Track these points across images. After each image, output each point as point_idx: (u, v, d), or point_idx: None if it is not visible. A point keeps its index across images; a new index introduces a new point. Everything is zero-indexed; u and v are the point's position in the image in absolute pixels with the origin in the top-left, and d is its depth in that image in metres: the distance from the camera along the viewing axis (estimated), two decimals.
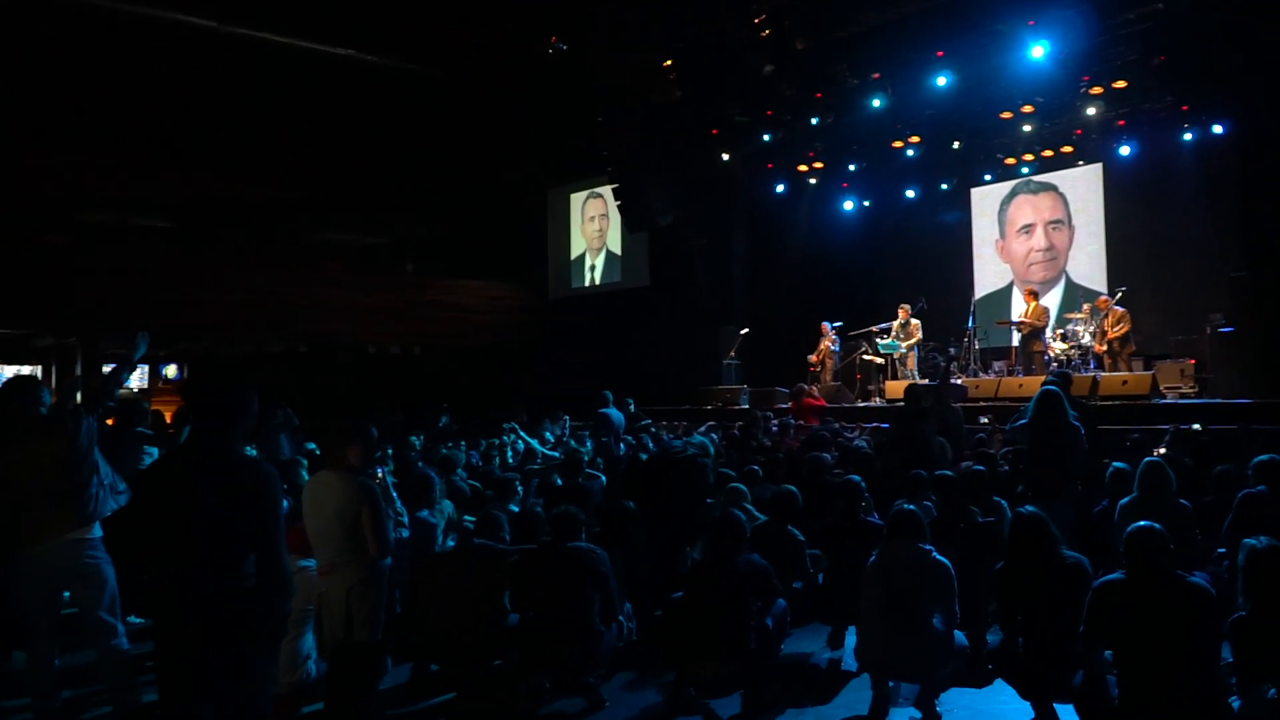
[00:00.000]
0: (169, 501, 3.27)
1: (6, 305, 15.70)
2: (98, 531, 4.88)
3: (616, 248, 21.82)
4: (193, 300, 17.95)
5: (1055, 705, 4.57)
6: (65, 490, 4.76)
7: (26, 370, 19.26)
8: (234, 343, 18.89)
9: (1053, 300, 16.60)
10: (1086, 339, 13.95)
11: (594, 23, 15.92)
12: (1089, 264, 16.95)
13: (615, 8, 15.32)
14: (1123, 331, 13.58)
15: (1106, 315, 13.76)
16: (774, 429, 11.77)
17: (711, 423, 13.26)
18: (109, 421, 7.33)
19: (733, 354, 17.24)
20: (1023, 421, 7.53)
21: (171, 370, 21.94)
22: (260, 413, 3.84)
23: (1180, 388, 12.92)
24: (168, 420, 10.26)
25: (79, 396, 5.66)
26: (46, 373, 19.35)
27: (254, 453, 7.02)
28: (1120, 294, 14.10)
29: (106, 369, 18.76)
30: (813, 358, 16.33)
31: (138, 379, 21.66)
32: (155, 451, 7.86)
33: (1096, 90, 14.11)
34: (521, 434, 11.29)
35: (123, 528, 5.11)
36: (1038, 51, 12.59)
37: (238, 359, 19.39)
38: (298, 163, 20.39)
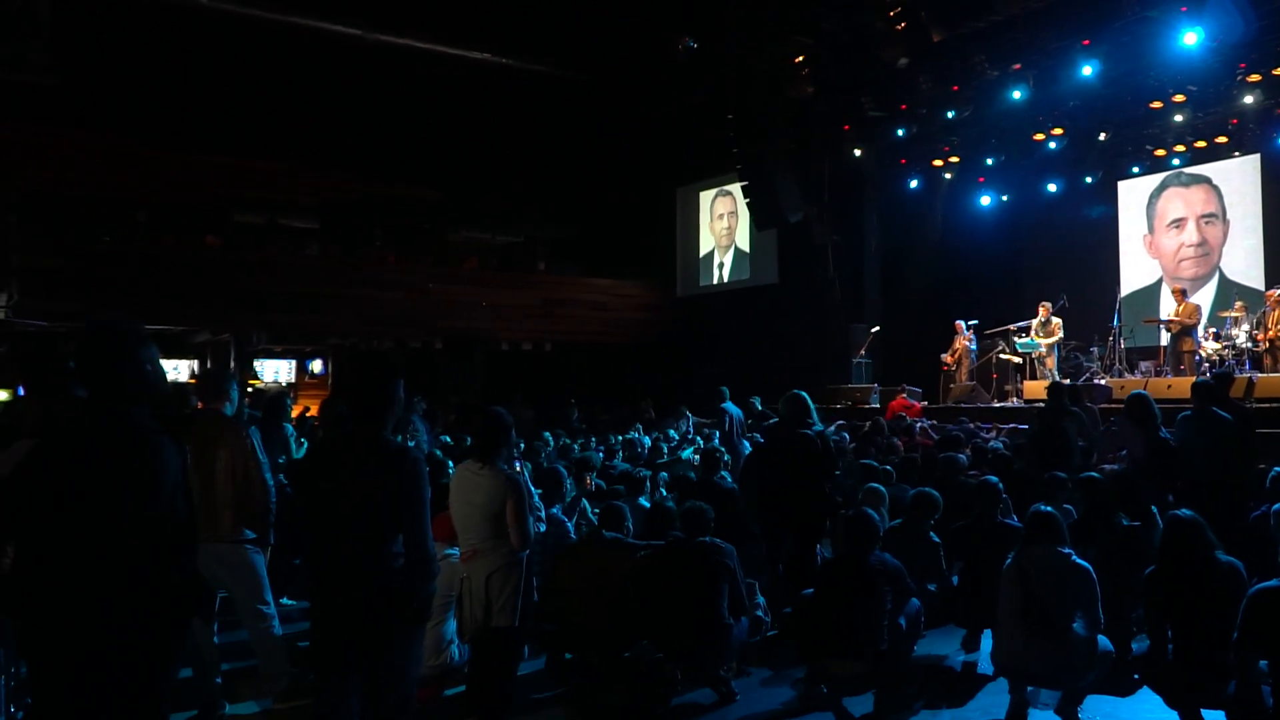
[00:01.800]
0: (323, 486, 3.51)
1: (167, 302, 16.79)
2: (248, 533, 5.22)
3: (745, 245, 21.82)
4: (337, 297, 18.83)
5: (1204, 714, 4.42)
6: (244, 494, 5.12)
7: (184, 365, 20.46)
8: (376, 338, 19.67)
9: (1204, 298, 15.82)
10: (1241, 338, 13.23)
11: (726, 20, 15.93)
12: (1245, 260, 16.08)
13: (748, 5, 15.29)
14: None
15: (1272, 310, 12.96)
16: (904, 428, 11.60)
17: (840, 422, 13.14)
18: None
19: (863, 352, 17.03)
20: None
21: (317, 365, 22.94)
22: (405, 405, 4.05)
23: None
24: (313, 413, 10.72)
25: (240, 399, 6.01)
26: (203, 367, 20.51)
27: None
28: (1274, 292, 13.34)
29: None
30: (947, 357, 15.98)
31: (285, 373, 22.72)
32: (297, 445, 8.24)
33: (1254, 78, 13.41)
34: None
35: (283, 510, 5.47)
36: (1190, 38, 12.05)
37: (386, 354, 20.19)
38: (436, 164, 21.08)
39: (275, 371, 22.09)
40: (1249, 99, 13.85)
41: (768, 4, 15.05)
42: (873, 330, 17.21)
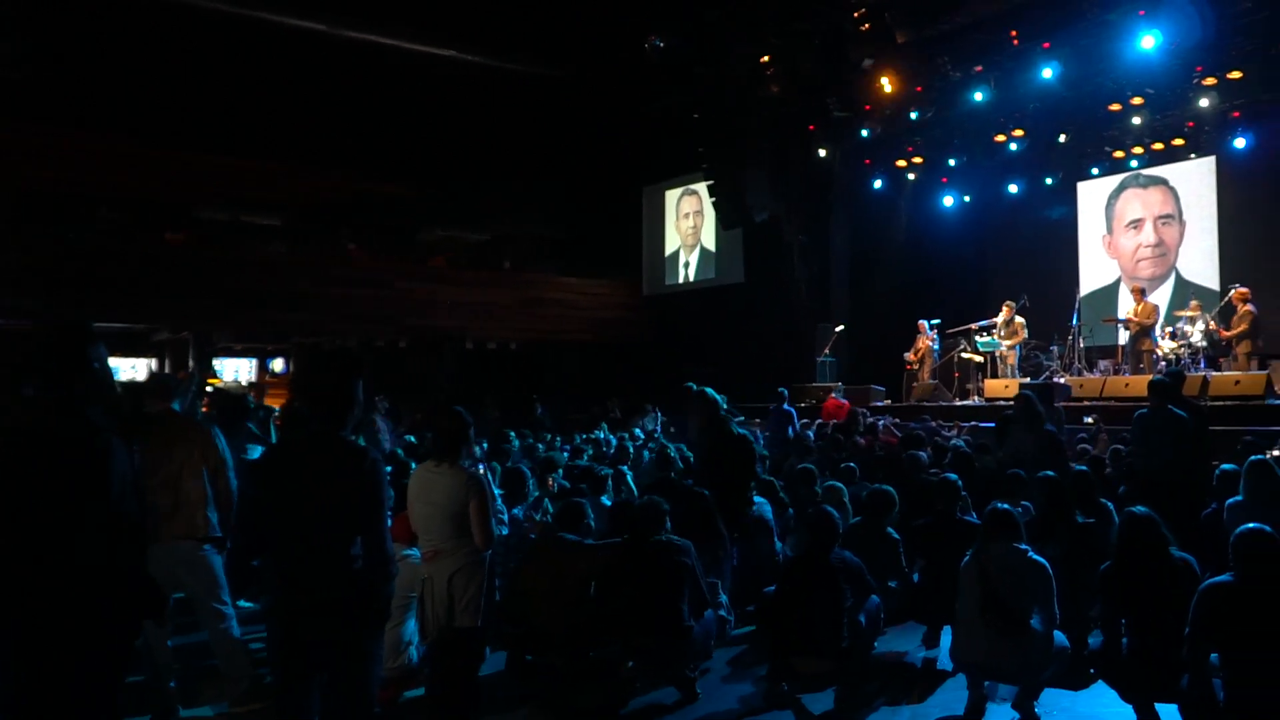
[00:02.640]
0: (283, 486, 3.47)
1: (128, 300, 16.55)
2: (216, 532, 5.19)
3: (711, 244, 21.88)
4: (302, 295, 18.64)
5: (1158, 707, 4.50)
6: (205, 495, 5.08)
7: (143, 364, 20.20)
8: (341, 337, 19.50)
9: (1161, 297, 16.06)
10: (1197, 337, 13.46)
11: (693, 20, 15.95)
12: (1201, 260, 16.35)
13: (715, 5, 15.32)
14: (1244, 328, 13.03)
15: (1238, 308, 13.18)
16: (868, 424, 11.70)
17: (805, 420, 13.21)
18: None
19: (828, 351, 17.12)
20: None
21: (279, 364, 22.71)
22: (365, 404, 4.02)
23: None
24: (276, 414, 10.59)
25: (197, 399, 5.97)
26: (161, 366, 20.28)
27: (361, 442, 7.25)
28: (1240, 290, 13.56)
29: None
30: (910, 356, 16.13)
31: (247, 372, 22.48)
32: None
33: (1210, 81, 13.62)
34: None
35: (240, 512, 5.41)
36: (1149, 42, 12.22)
37: (346, 353, 20.02)
38: (405, 162, 20.96)
39: (236, 370, 21.84)
40: (1205, 102, 14.08)
41: (735, 4, 15.09)
42: (837, 329, 17.32)
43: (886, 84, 14.39)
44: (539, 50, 20.23)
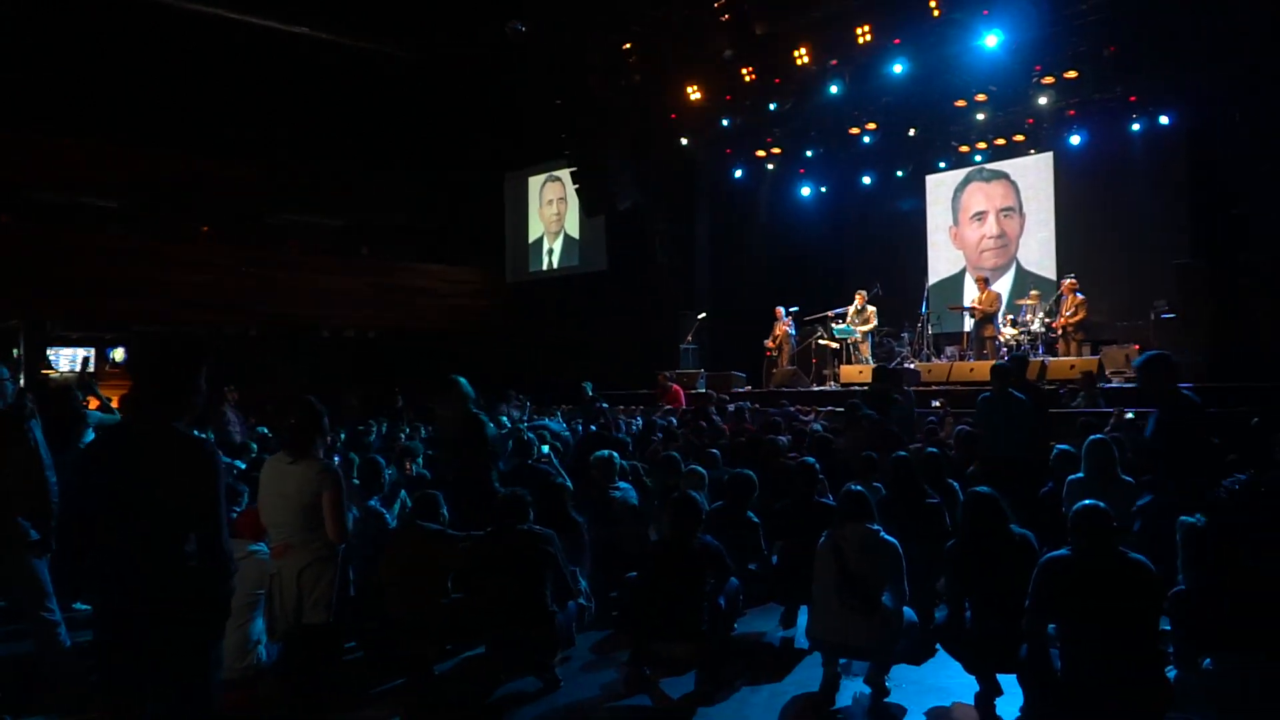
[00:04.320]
0: (111, 480, 3.25)
1: None
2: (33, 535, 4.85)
3: (575, 231, 21.81)
4: (144, 281, 17.71)
5: (1000, 677, 4.70)
6: (19, 496, 4.73)
7: None
8: (186, 324, 18.60)
9: (1004, 286, 16.87)
10: (1036, 324, 14.19)
11: (554, 4, 15.82)
12: (1039, 251, 17.23)
13: None
14: (1080, 318, 13.79)
15: (1067, 298, 13.95)
16: (730, 411, 11.86)
17: (668, 407, 13.33)
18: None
19: (690, 338, 17.31)
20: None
21: (119, 354, 21.49)
22: (211, 395, 3.82)
23: (1125, 372, 13.18)
24: (115, 405, 10.05)
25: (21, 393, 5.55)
26: None
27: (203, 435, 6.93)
28: (1069, 281, 14.37)
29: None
30: (769, 342, 16.46)
31: (80, 363, 21.19)
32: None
33: (1048, 80, 14.31)
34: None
35: (65, 510, 5.07)
36: (991, 40, 12.78)
37: (188, 340, 19.10)
38: (255, 143, 20.15)
39: (72, 360, 20.56)
40: (1043, 100, 14.80)
41: None
42: (700, 317, 17.52)
43: (745, 74, 14.60)
44: (395, 31, 19.71)
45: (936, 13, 12.54)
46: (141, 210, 19.53)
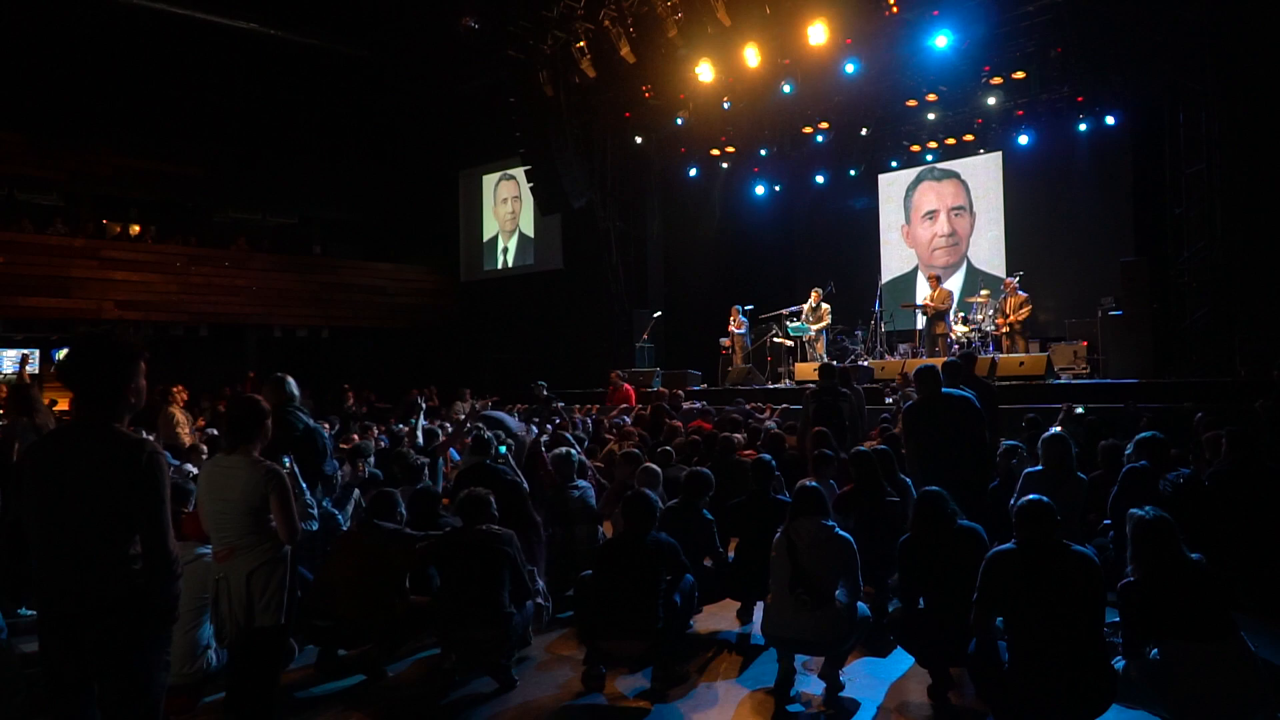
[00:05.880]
0: (48, 484, 3.17)
1: None
2: None
3: (529, 230, 21.72)
4: (87, 279, 17.36)
5: (950, 670, 4.75)
6: None
7: None
8: (131, 324, 18.24)
9: (955, 284, 17.08)
10: (986, 322, 14.40)
11: (510, 1, 15.72)
12: (989, 249, 17.48)
13: None
14: (1025, 315, 13.99)
15: (1009, 297, 14.16)
16: (687, 411, 11.88)
17: (624, 404, 13.32)
18: None
19: (646, 337, 17.32)
20: None
21: (64, 355, 21.01)
22: (155, 395, 3.74)
23: (1074, 368, 13.43)
24: (61, 408, 9.87)
25: None
26: None
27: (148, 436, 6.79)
28: (1018, 278, 14.58)
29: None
30: (724, 341, 16.52)
31: (27, 363, 20.69)
32: None
33: (997, 80, 14.54)
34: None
35: (2, 515, 4.95)
36: (941, 41, 12.95)
37: (121, 338, 18.75)
38: (199, 139, 19.80)
39: (15, 361, 20.08)
40: (992, 100, 15.03)
41: None
42: (655, 315, 17.54)
43: (700, 73, 14.63)
44: (345, 27, 19.46)
45: (895, 9, 12.66)
46: (85, 208, 19.13)
